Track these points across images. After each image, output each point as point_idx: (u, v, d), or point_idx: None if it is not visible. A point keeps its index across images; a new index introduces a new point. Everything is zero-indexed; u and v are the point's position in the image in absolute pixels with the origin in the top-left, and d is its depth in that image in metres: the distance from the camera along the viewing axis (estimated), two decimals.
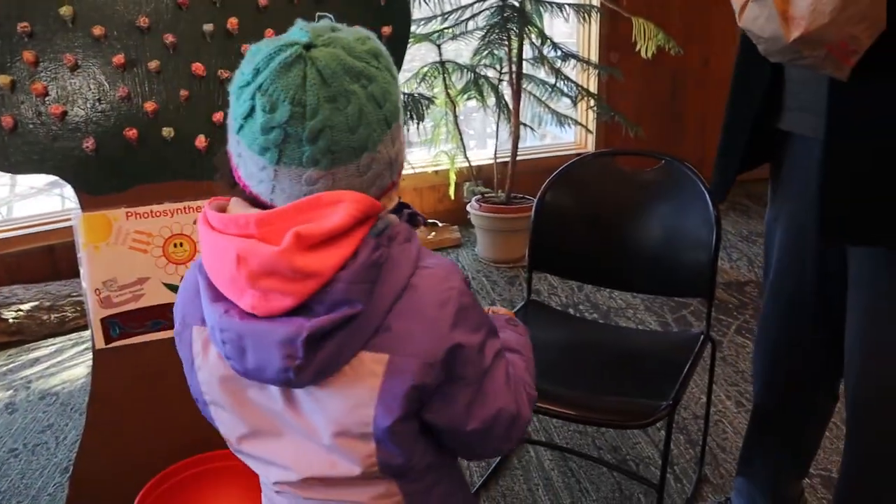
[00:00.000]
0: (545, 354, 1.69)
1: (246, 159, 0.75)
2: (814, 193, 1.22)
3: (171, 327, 1.54)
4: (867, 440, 1.34)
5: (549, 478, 1.98)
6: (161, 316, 1.52)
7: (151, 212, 1.48)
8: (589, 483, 1.93)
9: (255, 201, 0.77)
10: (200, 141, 1.46)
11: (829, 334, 1.39)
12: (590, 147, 4.19)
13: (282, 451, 0.84)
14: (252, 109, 0.71)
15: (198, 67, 1.43)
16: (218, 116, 1.45)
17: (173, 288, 1.50)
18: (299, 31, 0.74)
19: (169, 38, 1.40)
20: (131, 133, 1.41)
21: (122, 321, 1.50)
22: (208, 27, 1.42)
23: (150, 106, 1.41)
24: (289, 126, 0.70)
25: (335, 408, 0.78)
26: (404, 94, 3.13)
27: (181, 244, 1.50)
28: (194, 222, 1.51)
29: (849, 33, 0.92)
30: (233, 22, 1.42)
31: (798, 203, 1.32)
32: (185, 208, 1.50)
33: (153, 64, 1.40)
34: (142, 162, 1.45)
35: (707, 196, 1.58)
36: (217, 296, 0.76)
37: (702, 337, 1.65)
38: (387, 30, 1.54)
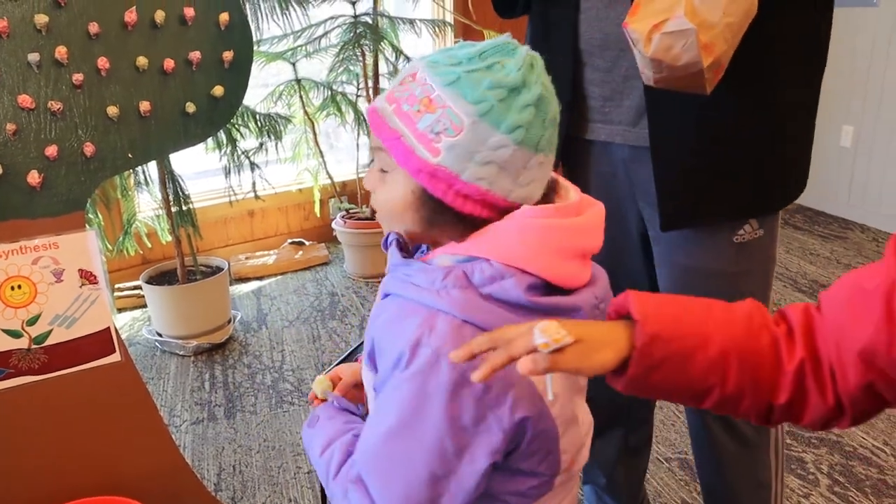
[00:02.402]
0: None
1: (515, 167, 0.78)
2: (624, 192, 1.39)
3: (17, 374, 1.46)
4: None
5: None
6: (3, 364, 1.43)
7: None
8: None
9: (508, 210, 0.80)
10: (33, 177, 1.38)
11: None
12: None
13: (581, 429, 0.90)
14: (537, 109, 0.77)
15: (24, 100, 1.35)
16: (51, 150, 1.38)
17: (13, 334, 1.41)
18: (504, 41, 0.78)
19: None
20: None
21: None
22: (34, 57, 1.35)
23: None
24: (557, 116, 0.80)
25: None
26: (260, 113, 3.08)
27: (19, 286, 1.42)
28: (33, 263, 1.43)
29: (730, 55, 1.07)
30: (61, 51, 1.36)
31: (607, 198, 1.43)
32: (21, 248, 1.41)
33: None
34: None
35: None
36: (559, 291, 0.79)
37: None
38: (228, 55, 1.51)
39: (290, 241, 3.83)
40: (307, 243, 3.82)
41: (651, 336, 0.69)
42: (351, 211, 3.66)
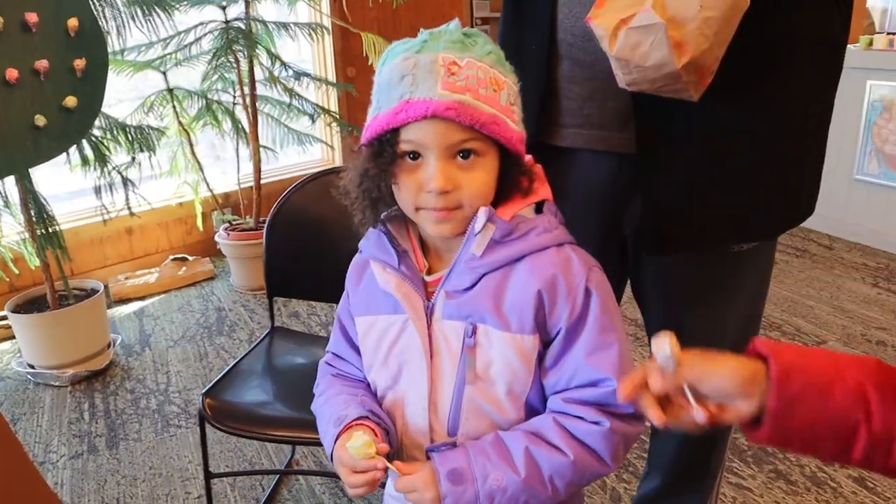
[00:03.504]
0: (292, 379, 1.67)
1: None
2: (601, 209, 1.23)
3: None
4: None
5: (321, 502, 1.95)
6: None
7: None
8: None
9: None
10: None
11: None
12: (337, 162, 4.21)
13: None
14: None
15: None
16: None
17: None
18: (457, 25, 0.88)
19: None
20: None
21: None
22: None
23: None
24: None
25: None
26: (131, 126, 2.93)
27: None
28: None
29: (717, 55, 0.94)
30: None
31: (585, 214, 1.26)
32: None
33: None
34: None
35: None
36: None
37: None
38: (80, 63, 1.42)
39: (172, 257, 3.68)
40: (191, 258, 3.67)
41: (788, 364, 0.68)
42: (234, 223, 3.55)
